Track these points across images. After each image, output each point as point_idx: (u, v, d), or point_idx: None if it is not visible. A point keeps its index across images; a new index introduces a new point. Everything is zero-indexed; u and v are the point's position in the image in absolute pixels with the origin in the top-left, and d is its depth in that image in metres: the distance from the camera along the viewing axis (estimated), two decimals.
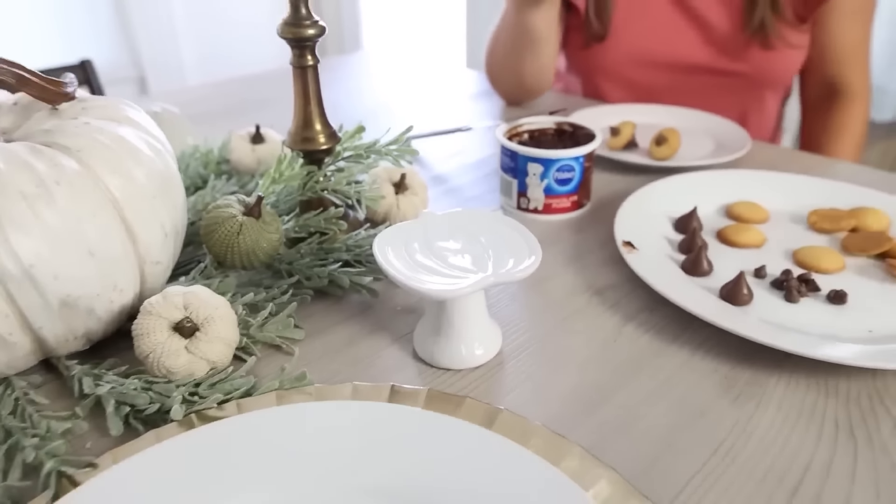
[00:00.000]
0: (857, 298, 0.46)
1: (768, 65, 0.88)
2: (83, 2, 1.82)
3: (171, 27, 1.98)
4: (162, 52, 2.00)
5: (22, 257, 0.34)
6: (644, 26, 0.89)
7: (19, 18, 1.72)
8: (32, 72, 0.40)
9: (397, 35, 2.21)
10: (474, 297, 0.39)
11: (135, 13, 1.89)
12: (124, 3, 1.88)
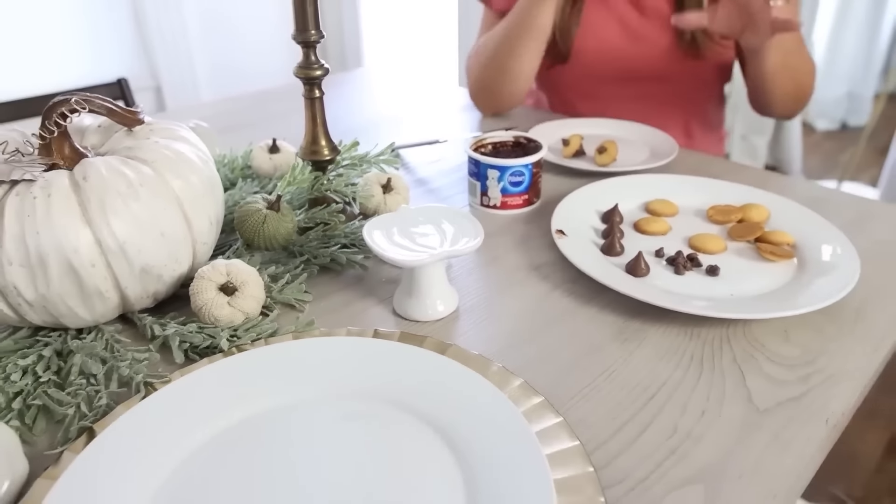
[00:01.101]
0: (728, 272, 0.61)
1: (702, 70, 1.03)
2: (109, 21, 1.98)
3: (186, 43, 2.13)
4: (177, 65, 2.15)
5: (118, 236, 0.49)
6: (599, 48, 1.03)
7: (54, 36, 1.87)
8: (115, 103, 0.55)
9: (395, 53, 2.37)
10: (435, 267, 0.54)
11: (154, 30, 2.04)
12: (145, 21, 2.04)
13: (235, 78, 2.28)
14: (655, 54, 1.02)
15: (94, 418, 0.45)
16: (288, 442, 0.42)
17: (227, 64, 2.29)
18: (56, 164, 0.51)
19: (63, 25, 1.90)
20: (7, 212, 0.46)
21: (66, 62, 1.92)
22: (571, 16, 1.02)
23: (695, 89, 1.07)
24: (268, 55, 2.25)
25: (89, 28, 1.96)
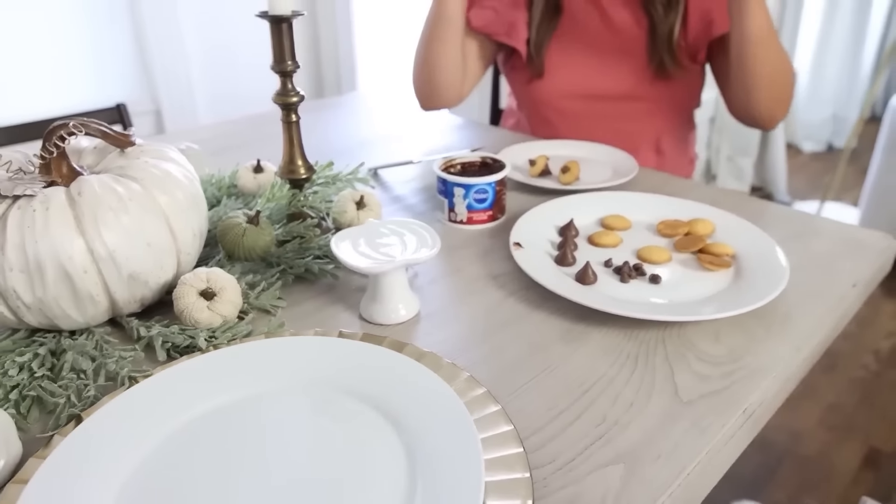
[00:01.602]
0: (670, 280, 0.66)
1: (671, 91, 1.09)
2: (113, 49, 2.06)
3: (185, 69, 2.21)
4: (177, 91, 2.23)
5: (108, 245, 0.54)
6: (573, 66, 1.09)
7: (59, 63, 1.95)
8: (110, 127, 0.61)
9: (388, 78, 2.45)
10: (397, 273, 0.60)
11: (155, 58, 2.13)
12: (147, 49, 2.12)
13: (232, 103, 2.36)
14: (627, 74, 1.08)
15: (82, 407, 0.50)
16: (255, 425, 0.47)
17: (224, 90, 2.37)
18: (55, 181, 0.57)
19: (68, 53, 1.98)
20: (10, 223, 0.52)
21: (71, 87, 2.00)
22: (546, 32, 1.08)
23: (665, 109, 1.13)
24: (264, 81, 2.32)
25: (93, 55, 2.04)
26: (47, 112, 1.24)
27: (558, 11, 1.08)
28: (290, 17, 0.63)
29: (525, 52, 1.10)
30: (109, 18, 2.07)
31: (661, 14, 1.03)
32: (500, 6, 1.08)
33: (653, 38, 1.04)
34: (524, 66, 1.12)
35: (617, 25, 1.06)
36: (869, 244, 0.75)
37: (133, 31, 2.12)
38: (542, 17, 1.08)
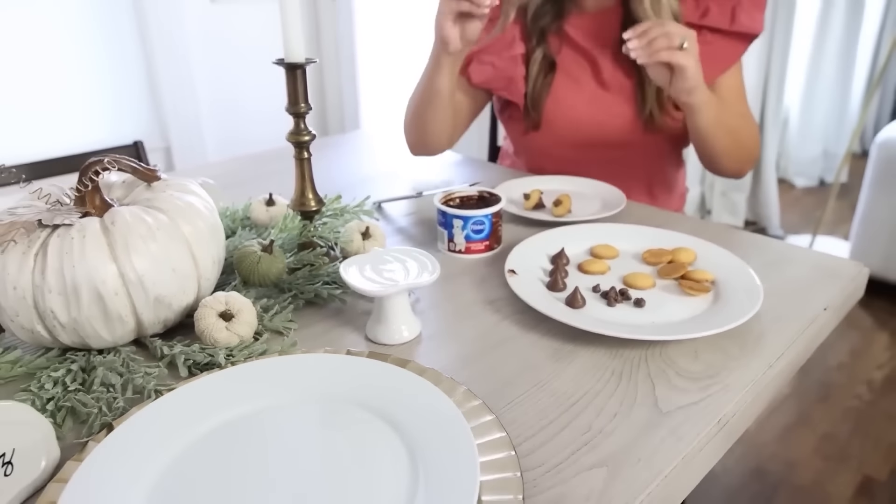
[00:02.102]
0: (652, 304, 0.71)
1: (660, 139, 1.15)
2: (127, 90, 2.16)
3: (195, 110, 2.31)
4: (186, 130, 2.32)
5: (138, 270, 0.60)
6: (568, 118, 1.15)
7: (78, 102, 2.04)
8: (139, 163, 0.67)
9: (390, 117, 2.54)
10: (400, 296, 0.65)
11: (166, 98, 2.22)
12: (158, 90, 2.22)
13: (237, 142, 2.45)
14: (618, 125, 1.14)
15: (113, 417, 0.55)
16: (271, 433, 0.52)
17: (230, 130, 2.46)
18: (89, 212, 0.63)
19: (88, 95, 2.08)
20: (50, 250, 0.58)
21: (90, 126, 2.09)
22: (543, 87, 1.15)
23: (654, 155, 1.19)
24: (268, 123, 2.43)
25: (111, 97, 2.14)
26: (69, 148, 1.31)
27: (553, 67, 1.15)
28: (304, 64, 0.70)
29: (523, 106, 1.16)
30: (126, 64, 2.17)
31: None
32: (499, 62, 1.14)
33: (641, 90, 1.10)
34: (521, 118, 1.18)
35: (608, 79, 1.13)
36: (840, 271, 0.80)
37: (147, 75, 2.22)
38: (538, 72, 1.14)
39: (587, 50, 1.13)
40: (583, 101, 1.15)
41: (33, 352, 0.64)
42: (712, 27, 1.07)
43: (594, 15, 1.13)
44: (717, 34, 1.07)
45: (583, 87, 1.14)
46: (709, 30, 1.07)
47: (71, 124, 2.09)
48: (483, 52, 1.14)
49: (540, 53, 1.14)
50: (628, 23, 1.09)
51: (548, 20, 1.13)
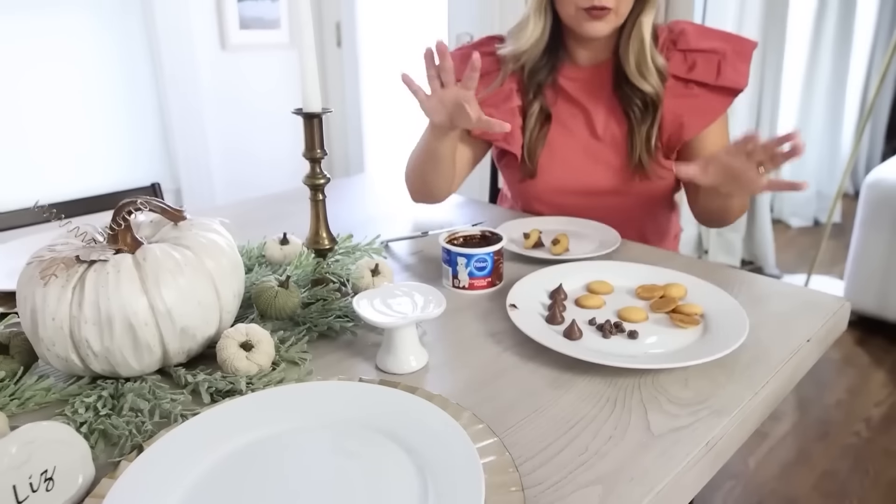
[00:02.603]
0: (645, 336, 0.76)
1: (650, 186, 1.20)
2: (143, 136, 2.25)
3: (206, 156, 2.39)
4: (196, 173, 2.39)
5: (167, 302, 0.64)
6: (562, 167, 1.21)
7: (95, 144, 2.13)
8: (167, 204, 0.72)
9: (393, 161, 2.62)
10: (408, 328, 0.69)
11: (178, 143, 2.31)
12: (172, 137, 2.30)
13: (244, 185, 2.53)
14: (610, 173, 1.19)
15: (143, 439, 0.59)
16: (289, 455, 0.56)
17: (238, 173, 2.54)
18: (121, 249, 0.68)
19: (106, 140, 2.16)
20: (87, 283, 0.63)
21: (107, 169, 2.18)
22: (538, 139, 1.21)
23: (646, 202, 1.24)
24: (273, 168, 2.52)
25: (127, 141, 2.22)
26: (89, 189, 1.37)
27: (549, 119, 1.21)
28: (320, 114, 0.76)
29: (519, 156, 1.22)
30: (142, 109, 2.26)
31: (639, 117, 1.15)
32: (497, 114, 1.19)
33: (632, 139, 1.16)
34: (517, 166, 1.23)
35: (600, 129, 1.19)
36: (823, 305, 0.85)
37: (161, 120, 2.31)
38: (534, 124, 1.20)
39: (580, 102, 1.20)
40: (576, 151, 1.20)
41: (65, 379, 0.69)
42: (699, 81, 1.13)
43: (587, 69, 1.20)
44: (703, 88, 1.14)
45: (576, 137, 1.20)
46: (696, 83, 1.14)
47: (91, 167, 2.18)
48: (482, 104, 1.20)
49: (537, 106, 1.20)
50: (620, 76, 1.16)
51: (544, 74, 1.20)
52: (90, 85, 2.15)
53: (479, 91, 1.20)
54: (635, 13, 1.12)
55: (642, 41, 1.12)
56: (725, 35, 1.17)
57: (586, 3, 1.07)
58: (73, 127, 2.14)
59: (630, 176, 1.18)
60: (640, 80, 1.12)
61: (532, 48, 1.17)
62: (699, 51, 1.14)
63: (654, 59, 1.13)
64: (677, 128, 1.15)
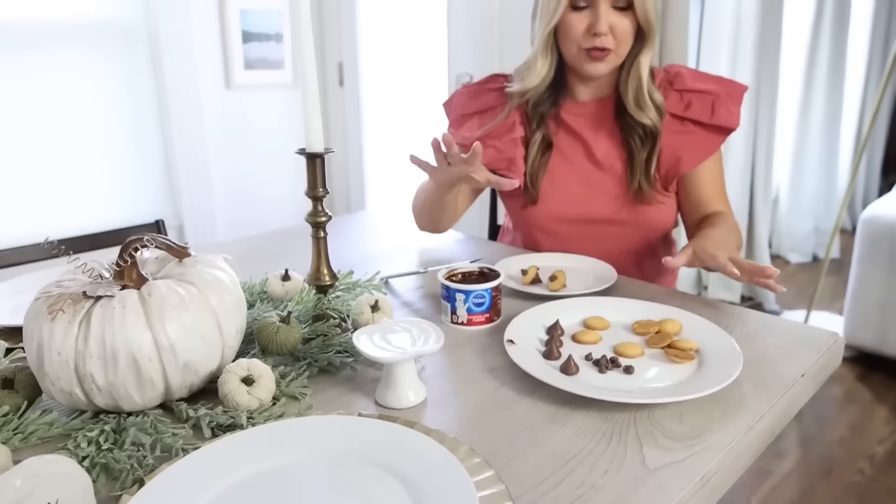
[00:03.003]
0: (641, 371, 0.77)
1: (648, 215, 1.23)
2: (146, 168, 2.28)
3: (209, 193, 2.42)
4: (200, 211, 2.42)
5: (170, 337, 0.66)
6: (562, 194, 1.24)
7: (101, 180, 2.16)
8: (172, 241, 0.74)
9: (393, 198, 2.66)
10: (407, 363, 0.71)
11: (182, 180, 2.34)
12: (176, 175, 2.34)
13: (246, 222, 2.56)
14: (610, 200, 1.23)
15: (144, 473, 0.60)
16: (290, 488, 0.57)
17: (240, 210, 2.58)
18: (127, 284, 0.69)
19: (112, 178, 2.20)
20: (94, 319, 0.64)
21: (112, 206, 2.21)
22: (540, 166, 1.25)
23: (644, 230, 1.27)
24: (275, 205, 2.56)
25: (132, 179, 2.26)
26: (95, 226, 1.40)
27: (550, 147, 1.25)
28: (322, 154, 0.78)
29: (522, 184, 1.25)
30: (147, 147, 2.30)
31: (638, 145, 1.20)
32: (500, 144, 1.24)
33: (631, 167, 1.20)
34: (520, 194, 1.27)
35: (600, 157, 1.23)
36: (817, 340, 0.86)
37: (166, 157, 2.35)
38: (536, 152, 1.24)
39: (581, 134, 1.24)
40: (576, 179, 1.24)
41: (68, 414, 0.70)
42: (694, 119, 1.18)
43: (589, 103, 1.25)
44: (698, 125, 1.19)
45: (576, 166, 1.24)
46: (691, 121, 1.19)
47: (96, 204, 2.22)
48: (487, 136, 1.25)
49: (539, 135, 1.25)
50: (621, 109, 1.20)
51: (546, 106, 1.26)
52: (97, 122, 2.20)
53: (484, 124, 1.25)
54: (634, 53, 1.18)
55: (640, 78, 1.18)
56: (718, 78, 1.23)
57: (588, 43, 1.14)
58: (78, 164, 2.18)
59: (629, 203, 1.21)
60: (639, 113, 1.18)
61: (538, 86, 1.23)
62: (694, 91, 1.20)
63: (652, 94, 1.19)
64: (674, 162, 1.19)
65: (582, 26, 1.14)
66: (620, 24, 1.13)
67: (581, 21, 1.14)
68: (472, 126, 1.30)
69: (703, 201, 1.24)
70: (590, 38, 1.14)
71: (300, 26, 0.75)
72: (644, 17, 1.14)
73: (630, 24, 1.14)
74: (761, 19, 2.77)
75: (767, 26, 2.81)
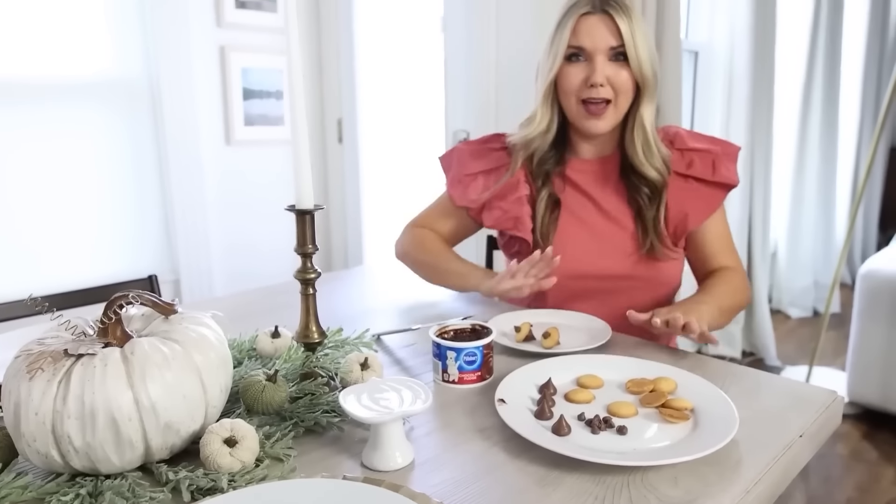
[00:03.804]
0: (634, 432, 0.75)
1: (659, 272, 1.23)
2: (144, 223, 2.30)
3: (206, 244, 2.43)
4: (196, 262, 2.43)
5: (151, 397, 0.64)
6: (574, 250, 1.23)
7: (100, 234, 2.17)
8: (159, 298, 0.73)
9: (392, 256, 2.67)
10: (394, 424, 0.69)
11: (180, 237, 2.36)
12: (174, 231, 2.36)
13: (245, 276, 2.56)
14: (623, 257, 1.22)
15: None
16: None
17: (238, 265, 2.58)
18: (110, 342, 0.68)
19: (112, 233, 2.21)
20: (73, 377, 0.63)
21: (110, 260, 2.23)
22: (550, 223, 1.25)
23: (653, 286, 1.25)
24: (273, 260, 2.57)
25: (131, 233, 2.27)
26: (90, 280, 1.39)
27: (558, 205, 1.26)
28: (312, 211, 0.78)
29: (531, 241, 1.25)
30: (147, 201, 2.33)
31: (646, 203, 1.21)
32: (506, 205, 1.26)
33: (642, 226, 1.21)
34: (528, 252, 1.26)
35: (609, 213, 1.24)
36: (816, 399, 0.84)
37: (164, 212, 2.37)
38: (545, 210, 1.25)
39: (588, 191, 1.26)
40: (588, 236, 1.24)
41: (43, 477, 0.68)
42: (697, 177, 1.20)
43: (593, 161, 1.27)
44: (701, 183, 1.20)
45: (587, 222, 1.25)
46: (694, 179, 1.20)
47: (93, 259, 2.22)
48: (494, 198, 1.26)
49: (546, 193, 1.26)
50: (626, 167, 1.22)
51: (551, 164, 1.27)
52: (97, 177, 2.22)
53: (490, 185, 1.27)
54: (636, 106, 1.20)
55: (646, 130, 1.20)
56: (713, 139, 1.27)
57: (585, 94, 1.16)
58: (77, 219, 2.19)
59: (641, 259, 1.22)
60: (647, 166, 1.19)
61: (540, 138, 1.24)
62: (694, 150, 1.22)
63: (658, 146, 1.21)
64: (682, 218, 1.21)
65: (579, 78, 1.17)
66: (618, 76, 1.16)
67: (578, 73, 1.17)
68: (477, 187, 1.31)
69: (710, 256, 1.25)
70: (587, 90, 1.16)
71: (293, 86, 0.76)
72: (640, 70, 1.16)
73: (628, 76, 1.16)
74: (753, 76, 2.83)
75: (760, 83, 2.87)
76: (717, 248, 1.25)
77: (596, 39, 1.15)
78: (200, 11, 2.40)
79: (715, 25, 2.90)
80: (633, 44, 1.15)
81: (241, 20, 2.50)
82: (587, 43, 1.15)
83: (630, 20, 1.15)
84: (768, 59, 2.90)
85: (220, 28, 2.46)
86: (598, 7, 1.15)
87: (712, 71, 2.94)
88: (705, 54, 2.96)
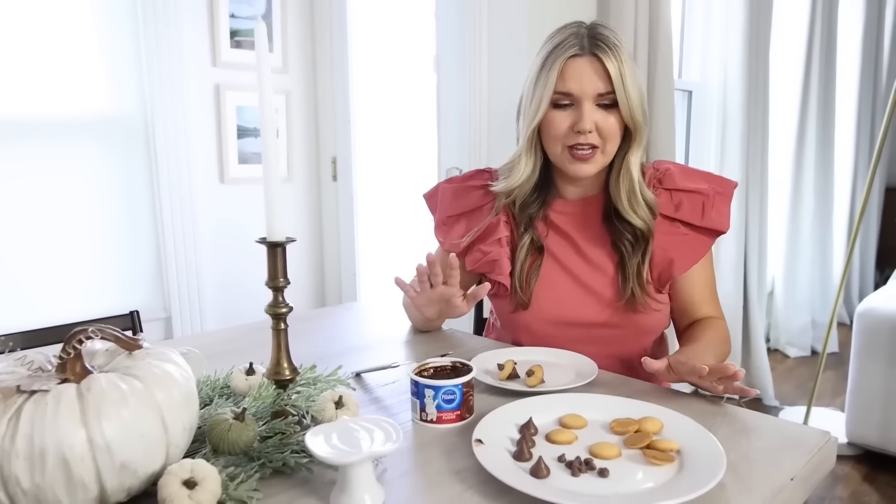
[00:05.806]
0: (617, 474, 0.71)
1: (640, 321, 1.19)
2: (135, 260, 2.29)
3: (197, 281, 2.41)
4: (187, 299, 2.40)
5: (106, 436, 0.61)
6: (555, 298, 1.20)
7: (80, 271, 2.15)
8: (122, 333, 0.71)
9: (385, 289, 2.64)
10: (363, 466, 0.66)
11: (172, 274, 2.35)
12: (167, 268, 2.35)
13: (237, 314, 2.54)
14: (603, 305, 1.19)
15: None
16: None
17: (230, 302, 2.55)
18: (68, 378, 0.66)
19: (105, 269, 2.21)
20: (24, 415, 0.60)
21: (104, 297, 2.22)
22: (532, 270, 1.22)
23: (636, 334, 1.22)
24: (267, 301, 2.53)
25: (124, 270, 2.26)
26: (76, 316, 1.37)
27: (541, 252, 1.23)
28: (284, 243, 0.76)
29: (509, 285, 1.21)
30: (138, 239, 2.32)
31: (630, 250, 1.17)
32: (485, 247, 1.23)
33: (623, 273, 1.17)
34: (508, 297, 1.23)
35: (591, 259, 1.20)
36: (807, 440, 0.81)
37: (156, 249, 2.36)
38: (526, 256, 1.22)
39: (571, 235, 1.22)
40: (569, 283, 1.21)
41: None
42: (685, 221, 1.17)
43: (576, 202, 1.24)
44: (689, 227, 1.17)
45: (568, 268, 1.22)
46: (682, 223, 1.17)
47: (85, 294, 2.20)
48: (477, 242, 1.24)
49: (528, 238, 1.22)
50: (609, 211, 1.19)
51: (535, 208, 1.24)
52: (89, 214, 2.21)
53: (472, 226, 1.25)
54: (623, 151, 1.16)
55: (632, 178, 1.16)
56: (707, 175, 1.23)
57: (572, 140, 1.12)
58: (69, 255, 2.17)
59: (623, 308, 1.18)
60: (631, 214, 1.15)
61: (523, 184, 1.21)
62: (684, 191, 1.19)
63: (644, 194, 1.16)
64: (667, 264, 1.17)
65: (565, 124, 1.12)
66: (606, 122, 1.11)
67: (564, 119, 1.12)
68: (460, 229, 1.28)
69: (693, 304, 1.22)
70: (573, 136, 1.12)
71: (264, 121, 0.75)
72: (629, 115, 1.12)
73: (616, 123, 1.12)
74: (747, 115, 2.85)
75: (754, 121, 2.88)
76: (701, 297, 1.22)
77: (584, 84, 1.09)
78: (196, 50, 2.42)
79: (708, 65, 2.93)
80: (622, 88, 1.09)
81: (235, 59, 2.52)
82: (575, 88, 1.10)
83: (620, 62, 1.09)
84: (762, 97, 2.92)
85: (216, 67, 2.48)
86: (587, 49, 1.10)
87: (706, 110, 2.95)
88: (699, 93, 2.98)
